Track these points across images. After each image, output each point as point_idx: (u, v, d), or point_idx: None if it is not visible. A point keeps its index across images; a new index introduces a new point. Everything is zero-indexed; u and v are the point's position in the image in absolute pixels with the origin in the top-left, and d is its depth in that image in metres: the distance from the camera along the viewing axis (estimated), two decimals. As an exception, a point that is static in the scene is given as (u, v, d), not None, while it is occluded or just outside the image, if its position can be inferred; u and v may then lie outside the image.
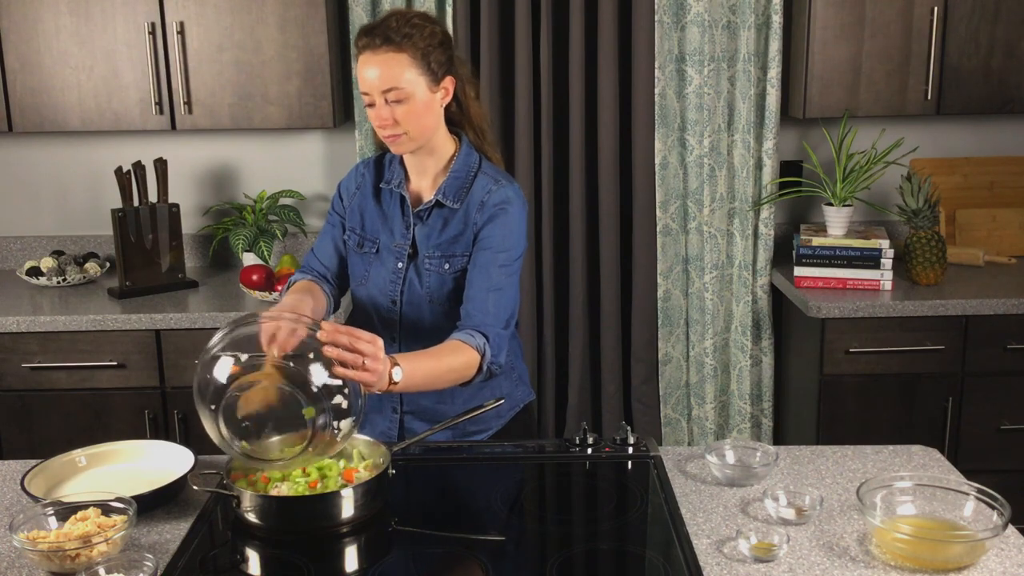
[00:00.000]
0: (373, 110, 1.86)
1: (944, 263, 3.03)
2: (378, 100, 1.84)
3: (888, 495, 1.58)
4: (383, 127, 1.86)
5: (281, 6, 3.02)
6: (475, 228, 1.92)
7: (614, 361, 3.40)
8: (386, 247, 2.00)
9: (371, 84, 1.83)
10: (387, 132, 1.86)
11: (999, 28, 3.05)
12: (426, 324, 1.98)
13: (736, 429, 3.42)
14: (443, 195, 1.94)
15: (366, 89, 1.84)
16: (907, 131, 3.36)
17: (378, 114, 1.85)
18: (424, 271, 1.96)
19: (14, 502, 1.73)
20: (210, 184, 3.48)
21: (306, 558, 1.53)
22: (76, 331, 2.89)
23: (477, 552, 1.55)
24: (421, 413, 2.05)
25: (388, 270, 1.99)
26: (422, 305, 1.97)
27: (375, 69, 1.82)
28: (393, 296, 1.99)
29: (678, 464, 1.85)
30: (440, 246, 1.95)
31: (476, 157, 1.99)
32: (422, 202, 1.98)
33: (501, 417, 2.09)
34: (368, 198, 2.03)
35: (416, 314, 1.98)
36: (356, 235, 2.04)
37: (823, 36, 3.06)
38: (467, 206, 1.93)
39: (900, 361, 2.94)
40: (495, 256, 1.90)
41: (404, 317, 1.99)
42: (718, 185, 3.29)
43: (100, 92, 3.07)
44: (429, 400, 2.03)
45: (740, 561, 1.49)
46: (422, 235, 1.96)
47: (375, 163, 2.07)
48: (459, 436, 2.04)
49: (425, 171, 1.98)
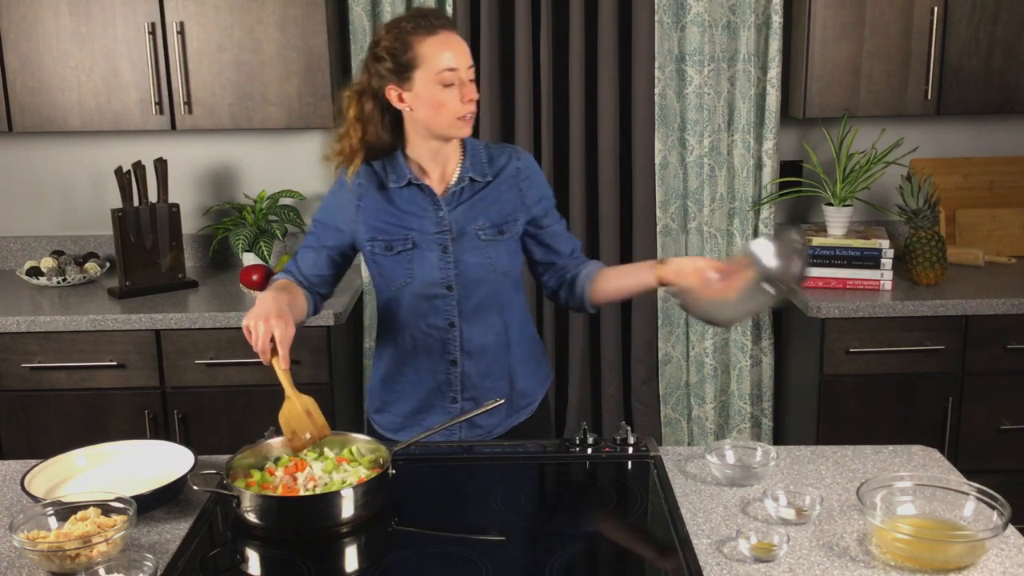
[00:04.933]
0: (454, 90, 1.88)
1: (944, 263, 3.03)
2: (466, 76, 1.89)
3: (888, 495, 1.58)
4: (472, 101, 1.90)
5: (281, 6, 3.02)
6: (520, 192, 2.03)
7: (614, 361, 3.40)
8: (422, 240, 1.98)
9: (462, 59, 1.89)
10: (473, 108, 1.91)
11: (999, 28, 3.05)
12: (485, 297, 2.01)
13: (736, 429, 3.42)
14: (472, 172, 2.00)
15: (456, 64, 1.88)
16: (907, 131, 3.36)
17: (469, 89, 1.90)
18: (479, 244, 1.98)
19: (14, 502, 1.73)
20: (210, 184, 3.48)
21: (306, 558, 1.53)
22: (76, 331, 2.89)
23: (477, 552, 1.55)
24: (478, 399, 2.05)
25: (434, 259, 1.98)
26: (482, 280, 2.00)
27: (460, 44, 1.90)
28: (447, 282, 1.99)
29: (678, 464, 1.85)
30: (489, 217, 1.99)
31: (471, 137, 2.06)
32: (445, 186, 2.00)
33: (542, 387, 2.19)
34: (377, 203, 2.00)
35: (474, 291, 2.00)
36: (380, 241, 2.00)
37: (823, 36, 3.06)
38: (501, 176, 2.02)
39: (900, 361, 2.94)
40: (551, 204, 2.09)
41: (463, 299, 2.00)
42: (718, 185, 3.29)
43: (100, 92, 3.07)
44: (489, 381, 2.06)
45: (740, 561, 1.49)
46: (461, 214, 1.99)
47: (364, 170, 2.01)
48: (509, 413, 2.10)
49: (446, 157, 2.00)
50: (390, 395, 2.11)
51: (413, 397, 2.08)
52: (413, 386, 2.08)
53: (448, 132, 1.93)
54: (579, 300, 2.07)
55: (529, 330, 2.16)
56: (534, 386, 2.15)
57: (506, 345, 2.07)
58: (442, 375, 2.05)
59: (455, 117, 1.90)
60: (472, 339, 2.03)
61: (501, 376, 2.07)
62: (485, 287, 2.01)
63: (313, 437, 1.74)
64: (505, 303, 2.05)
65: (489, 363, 2.05)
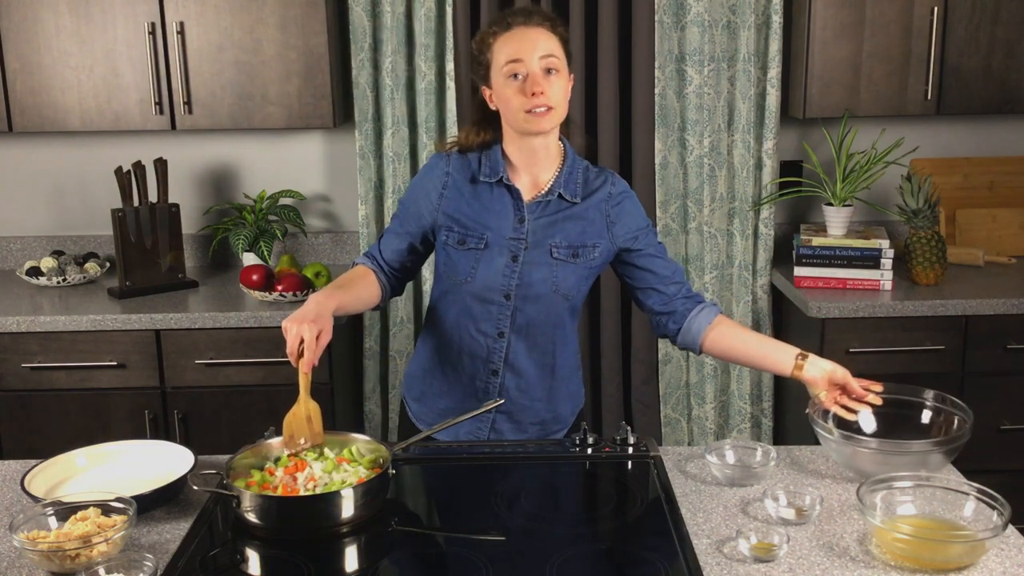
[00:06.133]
0: (518, 82, 1.84)
1: (944, 263, 3.03)
2: (535, 67, 1.84)
3: (888, 495, 1.58)
4: (537, 94, 1.83)
5: (281, 6, 3.02)
6: (608, 219, 1.98)
7: (614, 361, 3.40)
8: (496, 241, 1.95)
9: (529, 48, 1.84)
10: (540, 102, 1.84)
11: (999, 28, 3.05)
12: (540, 316, 1.98)
13: (736, 429, 3.42)
14: (564, 189, 1.96)
15: (520, 55, 1.84)
16: (907, 131, 3.36)
17: (534, 80, 1.83)
18: (549, 262, 1.95)
19: (14, 502, 1.73)
20: (210, 184, 3.48)
21: (306, 558, 1.53)
22: (76, 331, 2.89)
23: (477, 552, 1.55)
24: (513, 413, 2.05)
25: (500, 264, 1.95)
26: (541, 298, 1.96)
27: (534, 35, 1.85)
28: (507, 290, 1.96)
29: (678, 464, 1.85)
30: (567, 237, 1.95)
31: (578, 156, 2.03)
32: (535, 195, 1.97)
33: (574, 413, 2.14)
34: (463, 193, 1.98)
35: (531, 307, 1.97)
36: (456, 232, 1.97)
37: (823, 36, 3.06)
38: (590, 200, 1.97)
39: (900, 361, 2.94)
40: (650, 233, 2.03)
41: (517, 311, 1.97)
42: (718, 185, 3.29)
43: (100, 92, 3.07)
44: (527, 399, 2.04)
45: (740, 561, 1.49)
46: (541, 227, 1.95)
47: (458, 157, 2.00)
48: (540, 436, 2.08)
49: (538, 162, 1.96)
50: (429, 388, 2.10)
51: (451, 396, 2.07)
52: (452, 386, 2.06)
53: (521, 127, 1.89)
54: (690, 343, 2.00)
55: (575, 359, 2.11)
56: (567, 412, 2.12)
57: (551, 367, 2.04)
58: (482, 383, 2.03)
59: (522, 111, 1.85)
60: (518, 353, 2.00)
61: (540, 397, 2.05)
62: (543, 305, 1.97)
63: (307, 443, 1.74)
64: (558, 325, 2.01)
65: (530, 381, 2.03)
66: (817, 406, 1.85)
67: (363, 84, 3.22)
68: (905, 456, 1.68)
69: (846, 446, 1.72)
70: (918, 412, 1.86)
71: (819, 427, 1.77)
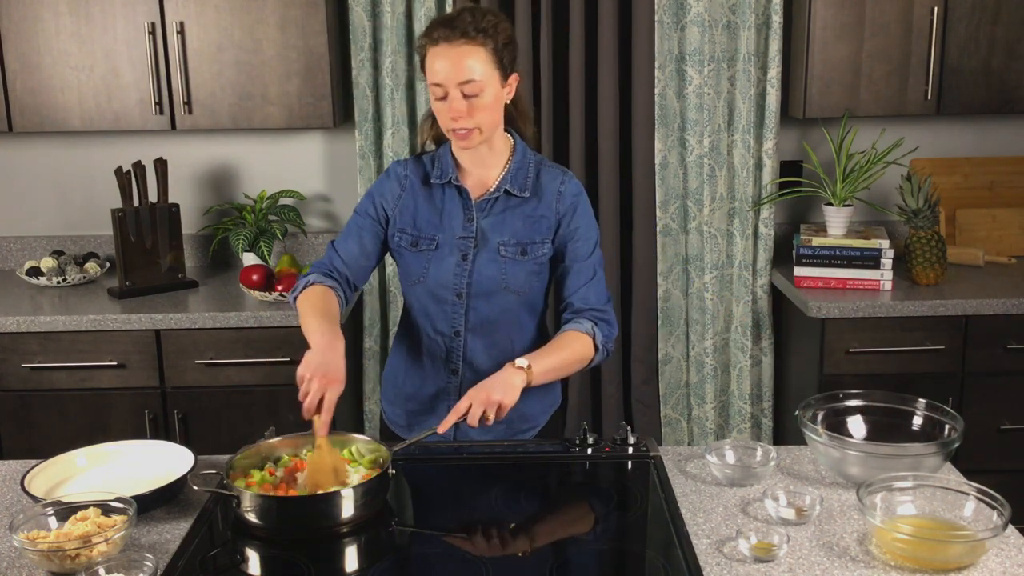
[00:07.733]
0: (444, 103, 1.86)
1: (944, 263, 3.03)
2: (453, 92, 1.84)
3: (888, 495, 1.58)
4: (456, 119, 1.86)
5: (281, 6, 3.02)
6: (557, 217, 1.98)
7: (614, 361, 3.40)
8: (447, 241, 1.98)
9: (448, 75, 1.84)
10: (459, 125, 1.86)
11: (999, 28, 3.05)
12: (495, 314, 2.00)
13: (736, 429, 3.41)
14: (510, 185, 1.97)
15: (441, 80, 1.84)
16: (907, 131, 3.36)
17: (452, 106, 1.85)
18: (498, 259, 1.96)
19: (14, 502, 1.73)
20: (210, 184, 3.48)
21: (306, 558, 1.53)
22: (76, 331, 2.89)
23: (477, 552, 1.55)
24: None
25: (451, 264, 1.98)
26: (492, 295, 1.98)
27: (453, 60, 1.83)
28: (459, 289, 1.98)
29: (678, 464, 1.85)
30: (516, 234, 1.97)
31: (529, 149, 2.03)
32: (483, 193, 1.99)
33: (546, 413, 2.14)
34: (417, 196, 2.01)
35: (484, 305, 1.99)
36: (409, 235, 2.00)
37: (823, 36, 3.06)
38: (541, 196, 1.99)
39: (900, 361, 2.94)
40: (586, 245, 2.00)
41: (471, 309, 1.99)
42: (718, 185, 3.29)
43: (100, 92, 3.07)
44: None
45: (740, 561, 1.49)
46: (489, 225, 1.97)
47: (414, 161, 2.05)
48: (507, 435, 2.06)
49: (483, 161, 1.98)
50: (400, 390, 2.12)
51: (417, 397, 2.10)
52: (417, 387, 2.09)
53: (453, 143, 1.93)
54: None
55: None
56: (536, 412, 2.12)
57: None
58: (443, 382, 2.06)
59: (448, 128, 1.89)
60: (476, 351, 2.02)
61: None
62: (495, 302, 1.99)
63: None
64: (514, 323, 2.03)
65: None
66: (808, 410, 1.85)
67: (363, 84, 3.22)
68: (893, 460, 1.68)
69: (834, 450, 1.71)
70: (908, 420, 1.86)
71: (808, 430, 1.76)
